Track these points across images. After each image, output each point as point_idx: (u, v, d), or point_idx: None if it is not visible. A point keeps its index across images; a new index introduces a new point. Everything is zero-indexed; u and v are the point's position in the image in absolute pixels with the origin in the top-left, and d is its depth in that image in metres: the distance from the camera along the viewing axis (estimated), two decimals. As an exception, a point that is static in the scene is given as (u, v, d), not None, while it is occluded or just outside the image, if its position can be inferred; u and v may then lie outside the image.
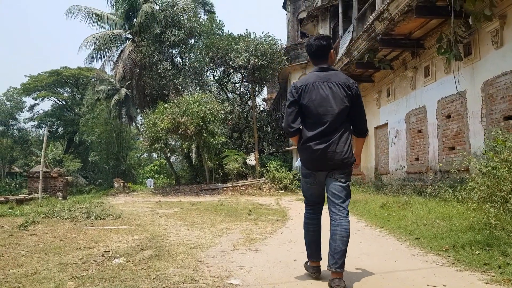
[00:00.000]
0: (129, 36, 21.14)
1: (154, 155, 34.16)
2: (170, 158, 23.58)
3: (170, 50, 20.29)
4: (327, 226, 2.62)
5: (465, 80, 7.17)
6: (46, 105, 68.76)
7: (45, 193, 12.48)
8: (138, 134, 31.71)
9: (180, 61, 21.09)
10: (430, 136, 8.74)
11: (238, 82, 22.83)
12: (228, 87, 23.25)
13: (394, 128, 10.76)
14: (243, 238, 4.50)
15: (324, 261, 2.60)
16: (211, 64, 20.43)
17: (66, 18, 23.57)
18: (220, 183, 17.53)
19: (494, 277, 2.61)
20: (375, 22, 8.30)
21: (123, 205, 11.16)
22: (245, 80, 20.90)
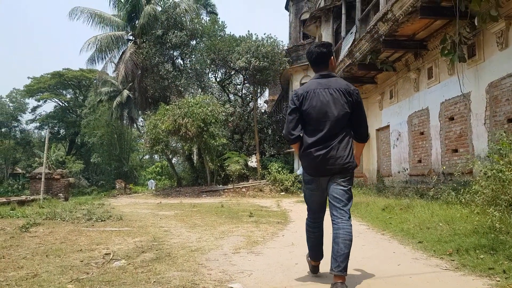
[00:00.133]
0: (131, 37, 21.15)
1: (156, 157, 34.19)
2: (172, 160, 23.57)
3: (172, 52, 20.29)
4: (330, 229, 2.60)
5: (469, 81, 7.12)
6: (49, 106, 69.47)
7: (47, 194, 12.48)
8: (140, 136, 31.75)
9: (181, 62, 21.10)
10: (433, 138, 8.69)
11: (239, 83, 22.80)
12: (229, 89, 23.23)
13: (397, 130, 10.71)
14: (244, 240, 4.47)
15: (326, 264, 2.57)
16: (212, 65, 20.41)
17: (69, 19, 23.64)
18: (221, 185, 17.50)
19: (499, 282, 2.57)
20: (379, 23, 8.25)
21: (124, 206, 11.15)
22: (246, 81, 20.88)
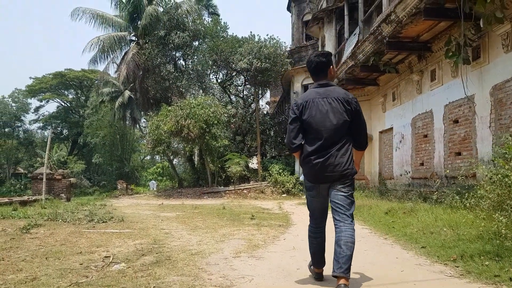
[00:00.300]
0: (133, 38, 21.17)
1: (157, 158, 34.16)
2: (173, 161, 23.56)
3: (174, 53, 20.29)
4: (332, 233, 2.56)
5: (473, 84, 7.05)
6: (51, 107, 69.66)
7: (48, 194, 12.47)
8: (142, 137, 31.77)
9: (183, 63, 21.10)
10: (436, 141, 8.62)
11: (241, 85, 22.78)
12: (231, 90, 23.21)
13: (400, 132, 10.64)
14: (245, 244, 4.43)
15: (330, 270, 2.53)
16: (214, 66, 20.39)
17: (71, 20, 23.71)
18: (222, 186, 17.46)
19: (505, 290, 2.52)
20: (382, 24, 8.19)
21: (126, 207, 11.13)
22: (248, 83, 20.85)
